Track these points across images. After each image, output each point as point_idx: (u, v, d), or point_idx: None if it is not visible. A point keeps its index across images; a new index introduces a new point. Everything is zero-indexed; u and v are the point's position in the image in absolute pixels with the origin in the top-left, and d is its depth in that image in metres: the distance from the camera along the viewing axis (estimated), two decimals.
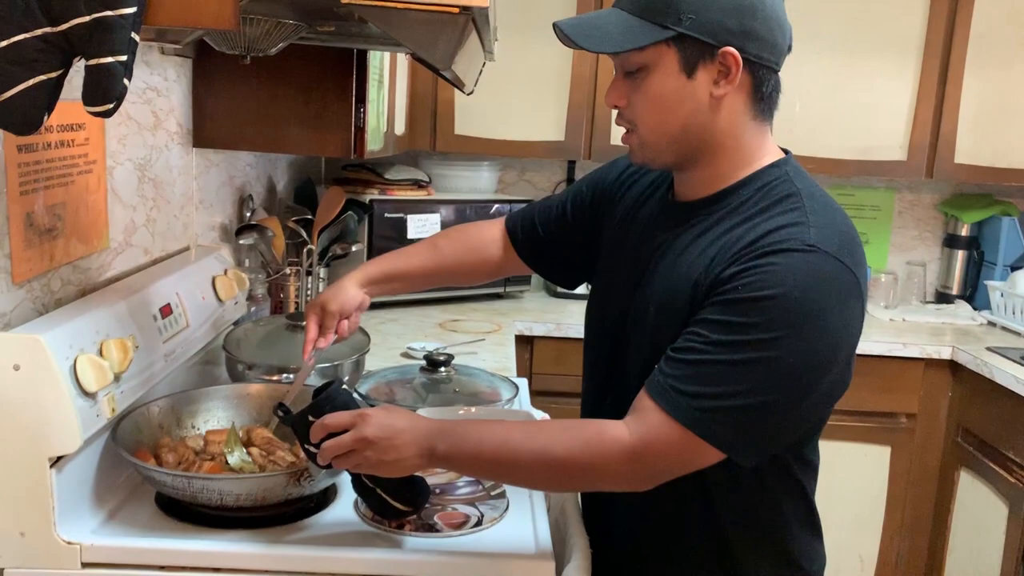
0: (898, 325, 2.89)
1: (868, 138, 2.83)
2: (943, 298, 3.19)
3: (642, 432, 1.05)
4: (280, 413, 1.18)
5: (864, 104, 2.81)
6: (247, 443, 1.34)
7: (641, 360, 1.15)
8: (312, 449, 1.11)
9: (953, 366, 2.66)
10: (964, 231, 3.13)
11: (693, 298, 1.08)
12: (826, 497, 1.29)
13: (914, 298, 3.17)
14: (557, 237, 1.43)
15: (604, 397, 1.27)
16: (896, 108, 2.81)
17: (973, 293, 3.13)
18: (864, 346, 2.64)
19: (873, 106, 2.81)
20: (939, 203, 3.21)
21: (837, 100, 2.80)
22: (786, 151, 1.18)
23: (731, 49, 1.05)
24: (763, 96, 1.11)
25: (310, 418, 1.10)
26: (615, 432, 1.06)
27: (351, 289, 1.42)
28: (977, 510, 2.56)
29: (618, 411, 1.11)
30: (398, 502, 1.14)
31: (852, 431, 2.67)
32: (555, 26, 1.10)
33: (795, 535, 1.21)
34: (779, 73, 1.12)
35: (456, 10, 0.93)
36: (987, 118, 2.81)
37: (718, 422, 1.03)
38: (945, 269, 3.20)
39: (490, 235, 1.50)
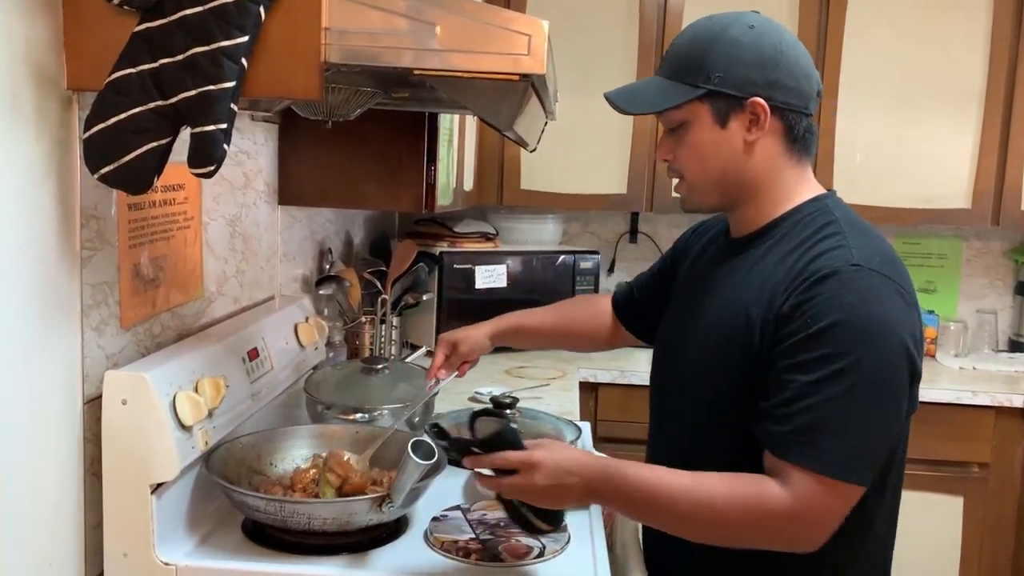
0: (968, 373, 2.86)
1: (931, 187, 2.83)
2: (1016, 347, 3.13)
3: (799, 495, 1.07)
4: (434, 431, 1.26)
5: (926, 153, 2.82)
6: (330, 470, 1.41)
7: (691, 385, 1.25)
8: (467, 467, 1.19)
9: None
10: None
11: (748, 326, 1.16)
12: (898, 547, 1.29)
13: (986, 347, 3.13)
14: (646, 296, 1.59)
15: (662, 421, 1.37)
16: (959, 156, 2.82)
17: None
18: (932, 394, 2.63)
19: (935, 155, 2.82)
20: (1008, 250, 3.18)
21: (899, 150, 2.82)
22: (830, 190, 1.27)
23: (758, 99, 1.18)
24: (796, 138, 1.22)
25: (474, 449, 1.18)
26: (774, 490, 1.09)
27: (482, 337, 1.61)
28: None
29: (672, 433, 1.19)
30: (540, 520, 1.20)
31: (923, 480, 2.64)
32: (605, 96, 1.26)
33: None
34: (811, 116, 1.24)
35: (517, 78, 1.04)
36: None
37: (855, 458, 1.08)
38: (1018, 317, 3.15)
39: (603, 306, 1.68)
